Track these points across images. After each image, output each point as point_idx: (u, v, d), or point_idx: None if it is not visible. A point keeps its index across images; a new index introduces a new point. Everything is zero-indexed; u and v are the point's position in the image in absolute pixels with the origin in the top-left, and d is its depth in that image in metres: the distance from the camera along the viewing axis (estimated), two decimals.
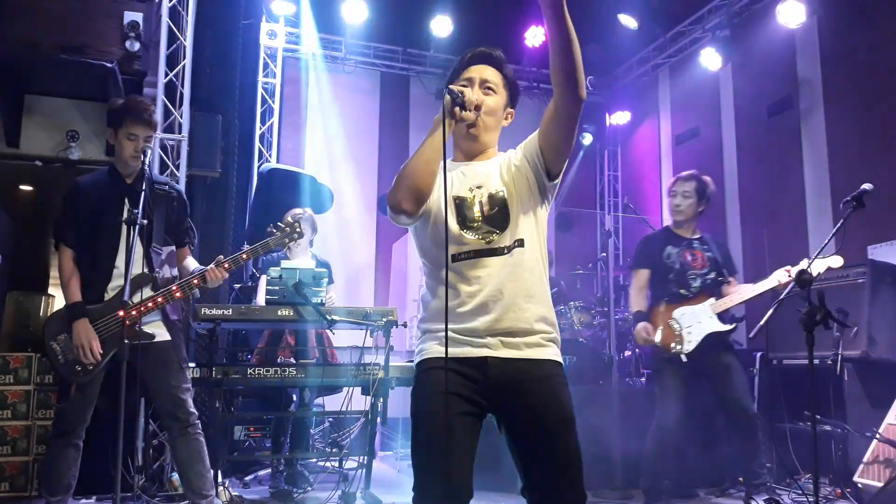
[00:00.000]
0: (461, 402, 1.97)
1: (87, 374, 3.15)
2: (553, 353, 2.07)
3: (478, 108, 2.09)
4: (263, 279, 4.92)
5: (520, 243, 2.06)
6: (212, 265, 3.33)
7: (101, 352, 3.15)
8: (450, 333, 1.94)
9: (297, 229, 3.67)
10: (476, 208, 2.09)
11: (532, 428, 1.99)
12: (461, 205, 2.09)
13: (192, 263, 3.52)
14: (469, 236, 2.06)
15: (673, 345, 4.16)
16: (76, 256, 3.30)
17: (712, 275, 4.26)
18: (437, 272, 2.07)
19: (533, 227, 2.11)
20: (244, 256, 3.47)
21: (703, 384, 4.27)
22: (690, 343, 4.12)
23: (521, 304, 2.02)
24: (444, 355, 1.89)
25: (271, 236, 3.65)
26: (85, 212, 3.29)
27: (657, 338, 4.20)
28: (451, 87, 2.05)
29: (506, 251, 2.04)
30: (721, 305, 4.14)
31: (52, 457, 3.24)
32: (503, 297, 2.01)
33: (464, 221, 2.07)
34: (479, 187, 2.11)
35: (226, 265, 3.34)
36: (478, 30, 8.10)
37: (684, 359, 4.11)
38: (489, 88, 2.16)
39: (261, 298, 4.89)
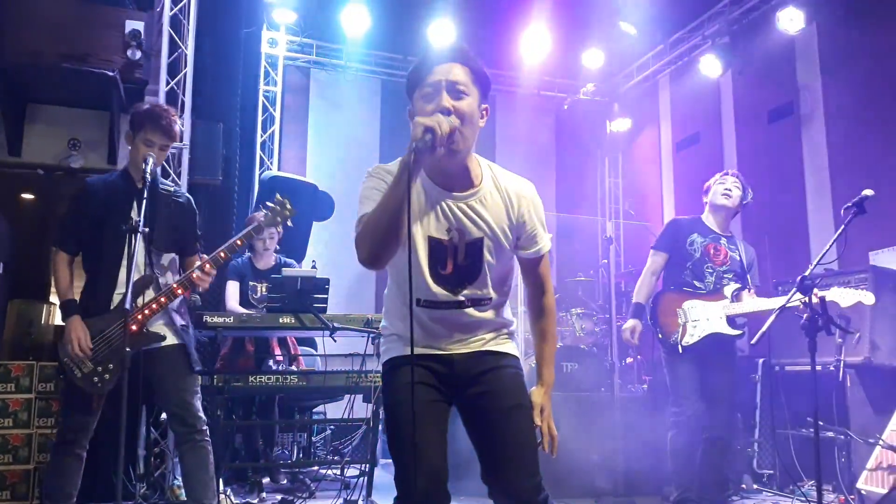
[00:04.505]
0: (429, 390, 2.04)
1: (106, 385, 3.13)
2: (510, 347, 2.18)
3: (451, 134, 1.86)
4: (231, 284, 4.93)
5: (486, 298, 2.10)
6: (196, 272, 3.27)
7: (91, 346, 3.12)
8: (416, 339, 1.99)
9: (288, 206, 3.61)
10: (450, 256, 2.02)
11: (489, 411, 2.06)
12: (436, 247, 2.01)
13: None
14: (437, 288, 2.04)
15: (673, 335, 4.07)
16: (82, 262, 3.28)
17: (730, 275, 4.11)
18: (401, 300, 2.13)
19: (501, 275, 2.13)
20: (239, 243, 3.41)
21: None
22: (692, 337, 4.00)
23: (481, 334, 2.14)
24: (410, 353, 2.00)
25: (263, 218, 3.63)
26: (92, 215, 3.26)
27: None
28: (418, 126, 1.81)
29: (471, 305, 2.08)
30: (735, 308, 4.01)
31: (53, 466, 3.22)
32: (466, 334, 2.12)
33: (434, 268, 2.02)
34: (458, 230, 2.02)
35: (207, 266, 3.29)
36: (478, 37, 8.12)
37: (680, 350, 4.01)
38: (461, 92, 1.95)
39: (231, 304, 4.89)
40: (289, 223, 3.66)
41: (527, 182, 2.15)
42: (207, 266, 3.29)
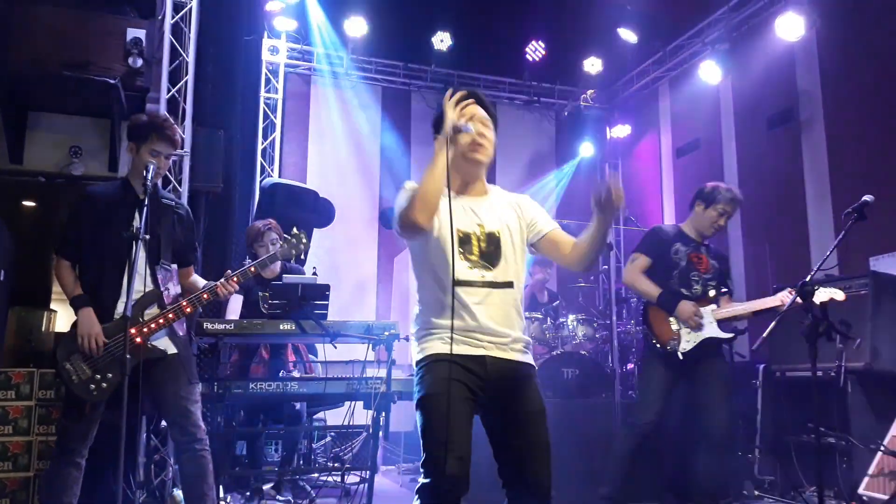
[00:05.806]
0: (463, 388, 2.28)
1: (103, 393, 3.11)
2: (530, 358, 2.49)
3: (481, 135, 2.42)
4: (235, 298, 4.90)
5: (508, 282, 2.42)
6: (222, 280, 3.34)
7: (107, 340, 3.12)
8: (456, 332, 2.30)
9: (304, 240, 3.67)
10: (475, 244, 2.42)
11: (516, 414, 2.36)
12: (463, 238, 2.41)
13: (199, 280, 3.53)
14: (467, 268, 2.37)
15: (670, 342, 4.11)
16: (83, 271, 3.27)
17: (713, 282, 4.20)
18: (437, 291, 2.39)
19: (519, 264, 2.48)
20: (252, 270, 3.47)
21: (687, 389, 4.20)
22: (688, 343, 4.07)
23: (510, 330, 2.41)
24: (448, 352, 2.27)
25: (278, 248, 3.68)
26: (92, 223, 3.26)
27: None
28: (455, 114, 2.32)
29: (495, 286, 2.39)
30: (722, 313, 4.09)
31: (53, 475, 3.20)
32: (492, 321, 2.37)
33: (464, 254, 2.39)
34: (479, 225, 2.45)
35: (234, 279, 3.37)
36: (478, 44, 8.15)
37: (681, 356, 4.06)
38: (484, 125, 2.46)
39: (231, 317, 4.87)
40: (302, 257, 3.70)
41: (524, 195, 2.66)
42: (219, 288, 3.34)
